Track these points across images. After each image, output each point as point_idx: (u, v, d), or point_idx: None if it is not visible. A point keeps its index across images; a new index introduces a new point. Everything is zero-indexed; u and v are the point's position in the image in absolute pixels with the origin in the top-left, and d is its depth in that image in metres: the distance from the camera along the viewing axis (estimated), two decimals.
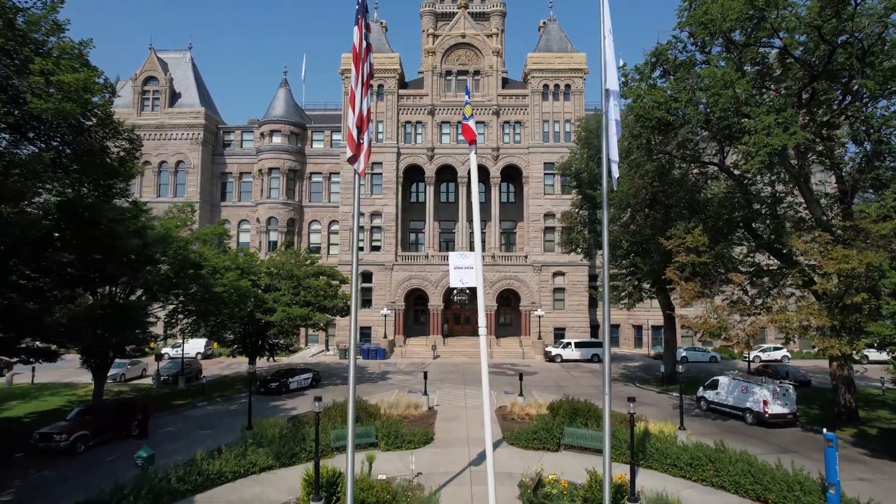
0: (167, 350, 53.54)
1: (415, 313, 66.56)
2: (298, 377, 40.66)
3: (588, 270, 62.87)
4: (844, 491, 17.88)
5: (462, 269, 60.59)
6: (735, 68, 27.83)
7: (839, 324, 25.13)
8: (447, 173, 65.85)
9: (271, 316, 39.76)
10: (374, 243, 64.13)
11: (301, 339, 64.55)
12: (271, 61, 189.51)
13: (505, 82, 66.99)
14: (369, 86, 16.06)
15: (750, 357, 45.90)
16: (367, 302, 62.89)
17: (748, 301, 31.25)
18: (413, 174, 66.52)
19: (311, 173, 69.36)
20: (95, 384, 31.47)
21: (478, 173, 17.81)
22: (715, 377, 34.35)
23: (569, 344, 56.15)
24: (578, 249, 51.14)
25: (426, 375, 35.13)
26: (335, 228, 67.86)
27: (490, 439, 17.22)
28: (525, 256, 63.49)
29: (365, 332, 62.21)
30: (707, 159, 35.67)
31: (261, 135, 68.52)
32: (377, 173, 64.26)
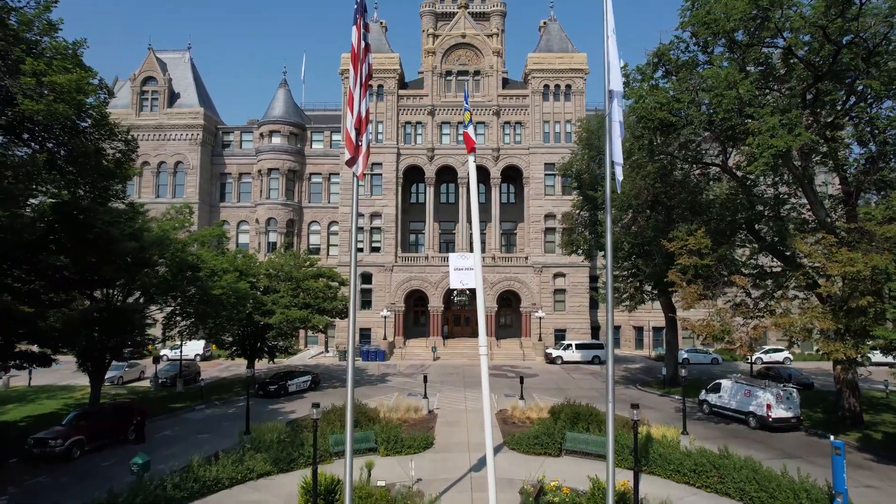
0: (165, 352, 53.29)
1: (415, 315, 66.26)
2: (297, 380, 40.37)
3: (589, 272, 62.56)
4: (852, 499, 17.59)
5: (462, 271, 60.74)
6: (738, 69, 27.55)
7: (844, 327, 24.83)
8: (447, 174, 65.56)
9: (270, 318, 39.47)
10: (374, 244, 63.84)
11: (300, 341, 64.25)
12: (271, 61, 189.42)
13: (505, 82, 66.69)
14: (368, 87, 15.76)
15: (751, 359, 45.58)
16: (367, 303, 62.61)
17: (751, 304, 30.95)
18: (413, 175, 66.22)
19: (311, 174, 69.07)
20: (92, 387, 31.15)
21: (478, 174, 17.70)
22: (717, 380, 34.05)
23: (569, 346, 55.85)
24: (579, 251, 50.82)
25: (426, 378, 34.85)
26: (335, 229, 67.57)
27: (490, 447, 16.94)
28: (525, 258, 63.18)
29: (364, 334, 61.93)
30: (709, 160, 35.38)
31: (260, 135, 68.23)
32: (377, 174, 63.97)
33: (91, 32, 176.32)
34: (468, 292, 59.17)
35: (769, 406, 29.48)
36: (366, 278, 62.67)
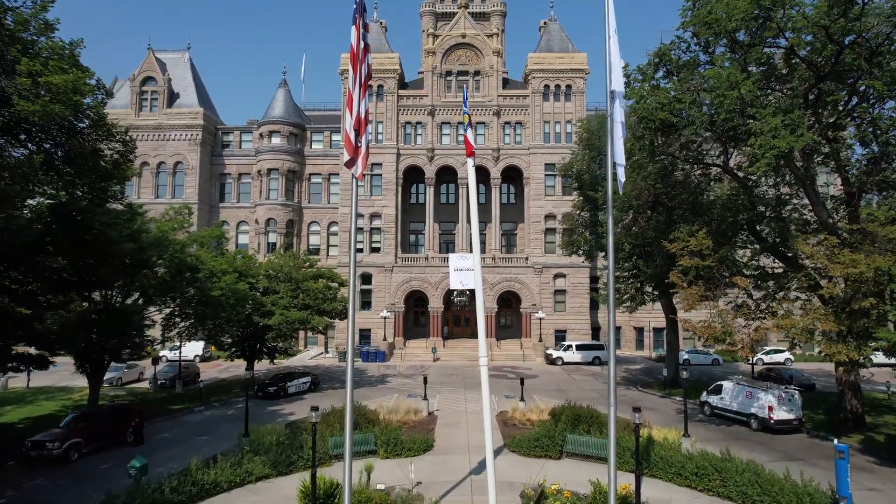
0: (165, 353, 53.10)
1: (415, 315, 66.12)
2: (297, 381, 40.22)
3: (589, 272, 62.39)
4: (855, 502, 17.44)
5: (462, 271, 59.77)
6: (740, 69, 27.40)
7: (846, 329, 24.69)
8: (447, 174, 65.41)
9: (269, 319, 39.34)
10: (374, 245, 63.69)
11: (300, 342, 64.08)
12: (270, 62, 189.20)
13: (505, 83, 66.55)
14: (367, 87, 15.61)
15: (752, 360, 45.41)
16: (367, 304, 62.48)
17: (753, 305, 30.81)
18: (413, 175, 66.08)
19: (311, 174, 68.92)
20: (91, 389, 31.03)
21: (478, 174, 17.56)
22: (719, 382, 33.89)
23: (570, 346, 55.70)
24: (580, 251, 50.67)
25: (426, 380, 34.70)
26: (334, 230, 67.40)
27: (490, 452, 16.78)
28: (526, 258, 63.04)
29: (364, 335, 61.80)
30: (710, 161, 35.24)
31: (260, 135, 68.08)
32: (377, 174, 63.84)
33: (91, 32, 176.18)
34: (468, 293, 59.07)
35: (771, 408, 29.33)
36: (365, 279, 62.53)
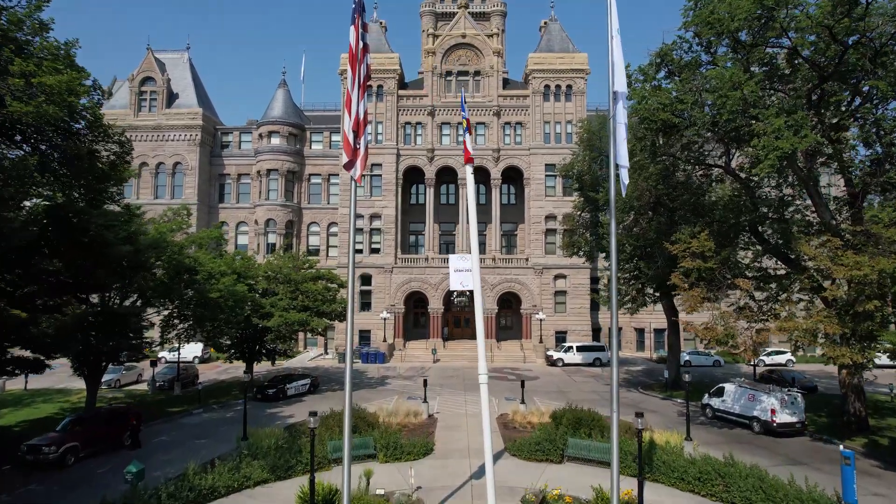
0: (164, 354, 52.88)
1: (414, 316, 65.88)
2: (296, 383, 39.99)
3: (590, 273, 62.11)
4: None
5: (462, 272, 59.45)
6: (742, 69, 27.16)
7: (850, 332, 24.46)
8: (447, 175, 65.16)
9: (268, 321, 39.11)
10: (374, 246, 63.46)
11: (300, 343, 63.79)
12: (270, 62, 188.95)
13: (506, 83, 66.30)
14: (366, 88, 15.39)
15: (754, 361, 45.18)
16: (367, 305, 62.24)
17: (755, 307, 30.56)
18: (413, 176, 65.84)
19: (310, 175, 68.65)
20: (88, 391, 30.81)
21: (479, 175, 17.37)
22: (721, 384, 33.67)
23: (570, 348, 55.45)
24: (580, 252, 50.42)
25: (426, 383, 34.45)
26: (334, 230, 67.14)
27: (490, 458, 16.54)
28: (526, 259, 62.81)
29: (364, 336, 61.57)
30: (712, 161, 34.99)
31: (259, 136, 67.82)
32: (376, 175, 63.62)
33: (91, 33, 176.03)
34: (468, 294, 58.81)
35: (773, 411, 29.09)
36: (365, 280, 62.31)
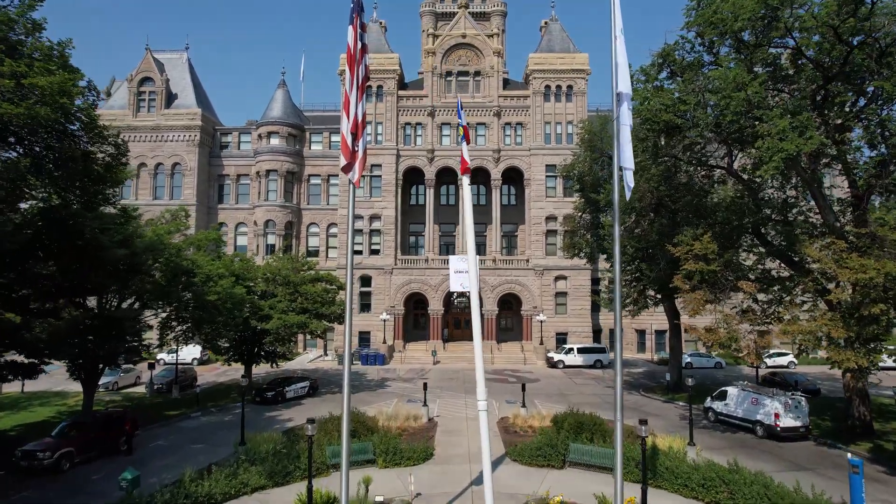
0: (163, 356, 52.60)
1: (414, 317, 65.58)
2: (295, 386, 39.66)
3: (590, 274, 61.76)
4: None
5: (462, 273, 59.62)
6: (746, 70, 26.85)
7: (855, 335, 24.16)
8: (447, 175, 64.84)
9: (267, 323, 38.80)
10: (374, 247, 63.16)
11: (299, 344, 63.46)
12: (269, 62, 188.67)
13: (506, 83, 66.00)
14: (365, 89, 15.09)
15: (757, 365, 44.80)
16: (367, 306, 61.95)
17: (758, 310, 30.25)
18: (413, 176, 65.55)
19: (310, 175, 68.31)
20: (85, 395, 30.46)
21: (479, 175, 17.12)
22: (723, 388, 33.35)
23: (571, 349, 55.15)
24: (581, 254, 50.08)
25: (426, 386, 34.15)
26: (334, 231, 66.80)
27: (488, 466, 16.23)
28: (527, 260, 62.50)
29: (364, 337, 61.27)
30: (714, 163, 34.69)
31: (258, 136, 67.49)
32: (376, 175, 63.33)
33: (90, 33, 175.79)
34: (468, 295, 58.45)
35: (777, 415, 28.78)
36: (365, 281, 62.01)
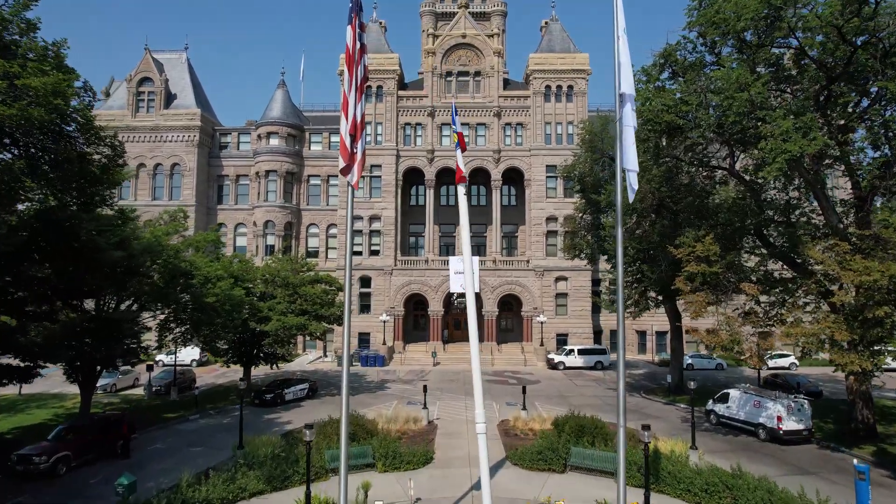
0: (161, 357, 52.37)
1: (414, 319, 65.36)
2: (294, 388, 39.43)
3: (591, 275, 61.52)
4: None
5: (463, 274, 59.08)
6: (749, 70, 26.63)
7: (858, 338, 23.93)
8: (447, 176, 64.57)
9: (266, 325, 38.58)
10: (373, 247, 62.95)
11: (298, 346, 63.25)
12: (269, 62, 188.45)
13: (506, 83, 65.79)
14: (364, 90, 14.87)
15: (760, 369, 44.56)
16: (366, 307, 61.73)
17: (761, 312, 30.02)
18: (413, 177, 65.34)
19: (309, 176, 68.07)
20: (83, 398, 30.21)
21: (479, 176, 16.92)
22: (725, 390, 33.13)
23: (572, 351, 54.93)
24: (582, 255, 49.82)
25: (426, 388, 33.91)
26: (333, 232, 66.59)
27: (486, 473, 16.01)
28: (527, 261, 62.28)
29: (364, 338, 61.03)
30: (716, 163, 34.46)
31: (258, 137, 67.25)
32: (376, 176, 63.13)
33: (88, 32, 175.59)
34: None
35: (780, 418, 28.55)
36: (365, 282, 61.80)
